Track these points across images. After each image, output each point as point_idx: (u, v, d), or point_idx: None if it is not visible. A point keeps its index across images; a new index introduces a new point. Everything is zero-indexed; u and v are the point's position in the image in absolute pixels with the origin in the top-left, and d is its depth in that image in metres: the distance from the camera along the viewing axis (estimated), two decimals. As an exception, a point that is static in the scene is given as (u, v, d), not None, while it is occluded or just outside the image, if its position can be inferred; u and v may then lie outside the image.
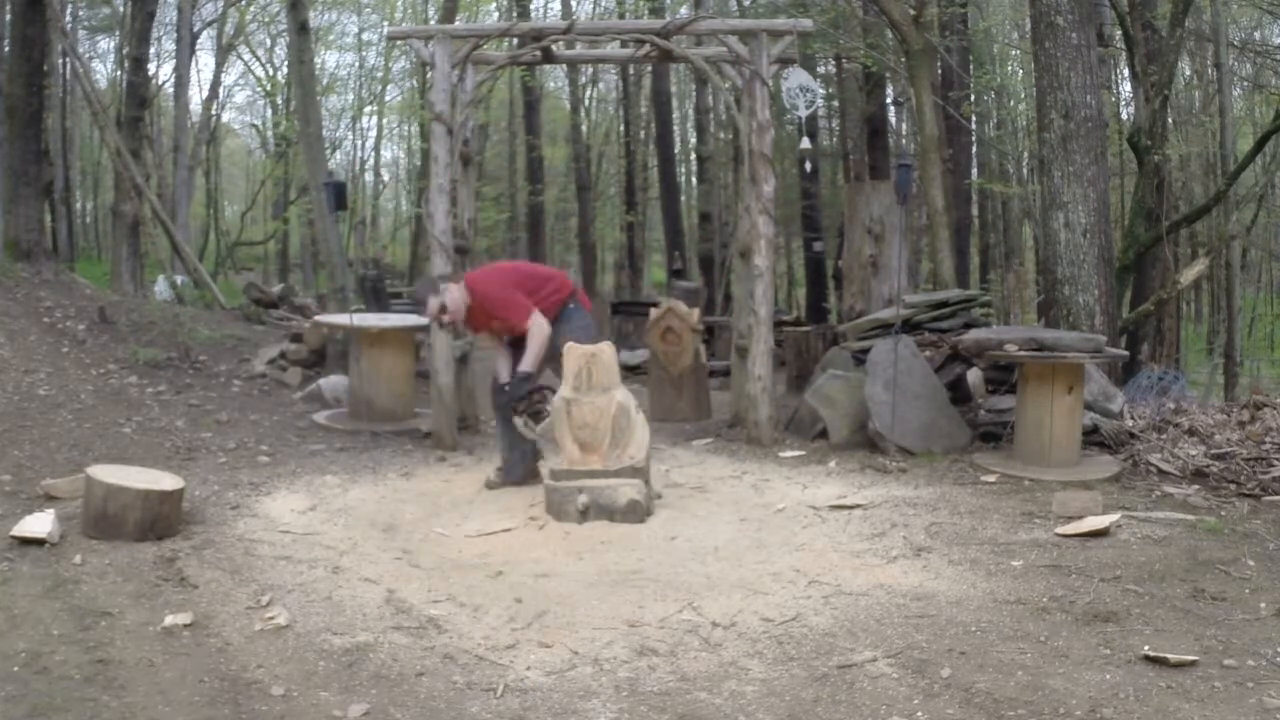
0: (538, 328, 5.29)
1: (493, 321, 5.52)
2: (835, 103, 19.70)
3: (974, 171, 17.79)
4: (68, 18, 20.75)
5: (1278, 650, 3.17)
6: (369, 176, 32.85)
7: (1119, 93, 15.59)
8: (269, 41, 27.21)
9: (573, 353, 5.09)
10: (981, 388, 7.06)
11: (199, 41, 24.10)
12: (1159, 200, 10.51)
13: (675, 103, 24.31)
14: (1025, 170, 17.16)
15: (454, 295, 5.44)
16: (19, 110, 9.65)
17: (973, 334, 6.52)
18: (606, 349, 5.13)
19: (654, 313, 8.62)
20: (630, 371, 9.86)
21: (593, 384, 5.03)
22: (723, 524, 4.79)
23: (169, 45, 23.53)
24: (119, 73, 22.96)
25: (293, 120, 21.43)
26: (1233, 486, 5.19)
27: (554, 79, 25.34)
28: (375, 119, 30.56)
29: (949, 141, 13.92)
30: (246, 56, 27.51)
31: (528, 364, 5.29)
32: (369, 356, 7.44)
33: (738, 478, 5.76)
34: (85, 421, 6.31)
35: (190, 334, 8.97)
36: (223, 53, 25.25)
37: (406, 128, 29.63)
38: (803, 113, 7.05)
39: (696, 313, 8.57)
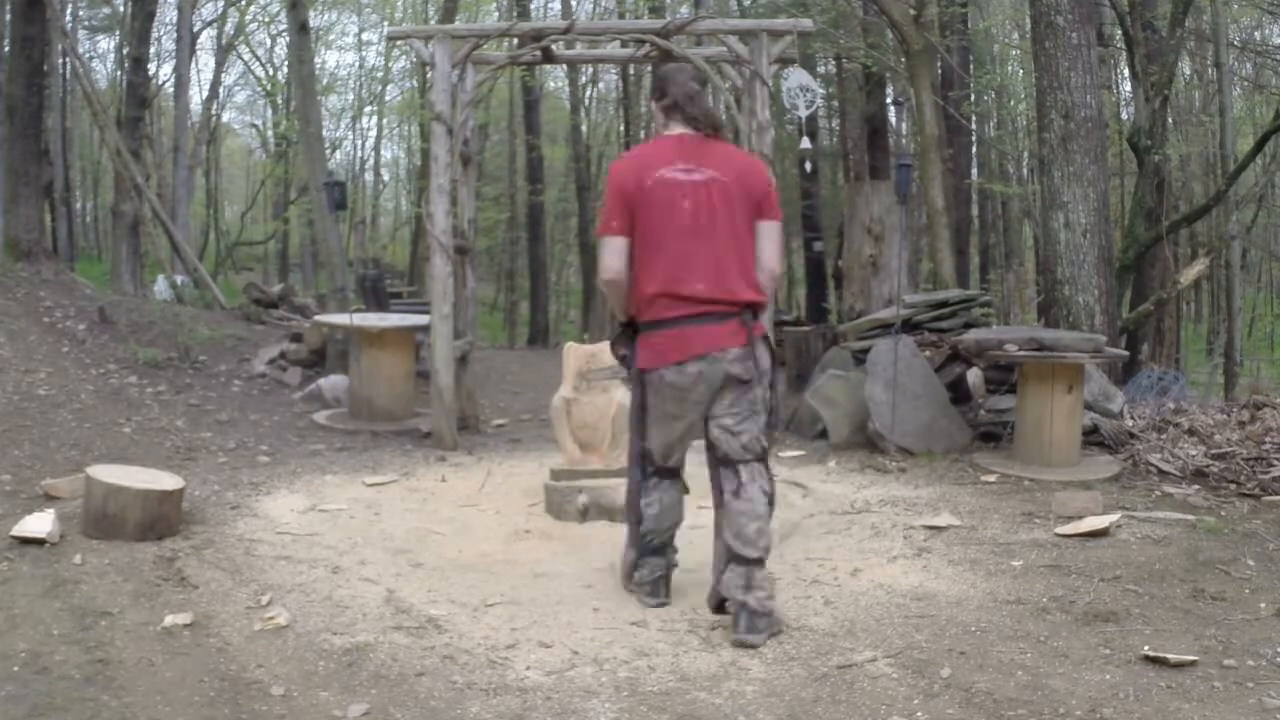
0: (601, 256, 3.47)
1: None
2: (835, 103, 19.68)
3: (974, 171, 17.77)
4: (68, 17, 20.75)
5: (1278, 650, 3.17)
6: (369, 176, 32.87)
7: (1119, 93, 15.59)
8: (269, 41, 27.21)
9: (573, 353, 5.10)
10: (981, 388, 7.06)
11: (199, 41, 24.11)
12: (1159, 200, 10.52)
13: (675, 103, 24.24)
14: (1025, 170, 17.16)
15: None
16: (19, 110, 9.65)
17: (973, 334, 6.52)
18: (606, 349, 5.14)
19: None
20: (630, 371, 9.83)
21: (593, 384, 5.03)
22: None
23: (169, 45, 23.53)
24: (119, 73, 22.97)
25: (293, 120, 21.42)
26: (1233, 486, 5.19)
27: (554, 79, 25.33)
28: (375, 119, 30.59)
29: (949, 141, 13.91)
30: (246, 56, 27.52)
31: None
32: (369, 356, 7.44)
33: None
34: (85, 421, 6.31)
35: (190, 334, 8.97)
36: (223, 53, 25.24)
37: (406, 128, 29.62)
38: (803, 113, 7.05)
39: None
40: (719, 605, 3.44)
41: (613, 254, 3.37)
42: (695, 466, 3.41)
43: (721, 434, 3.38)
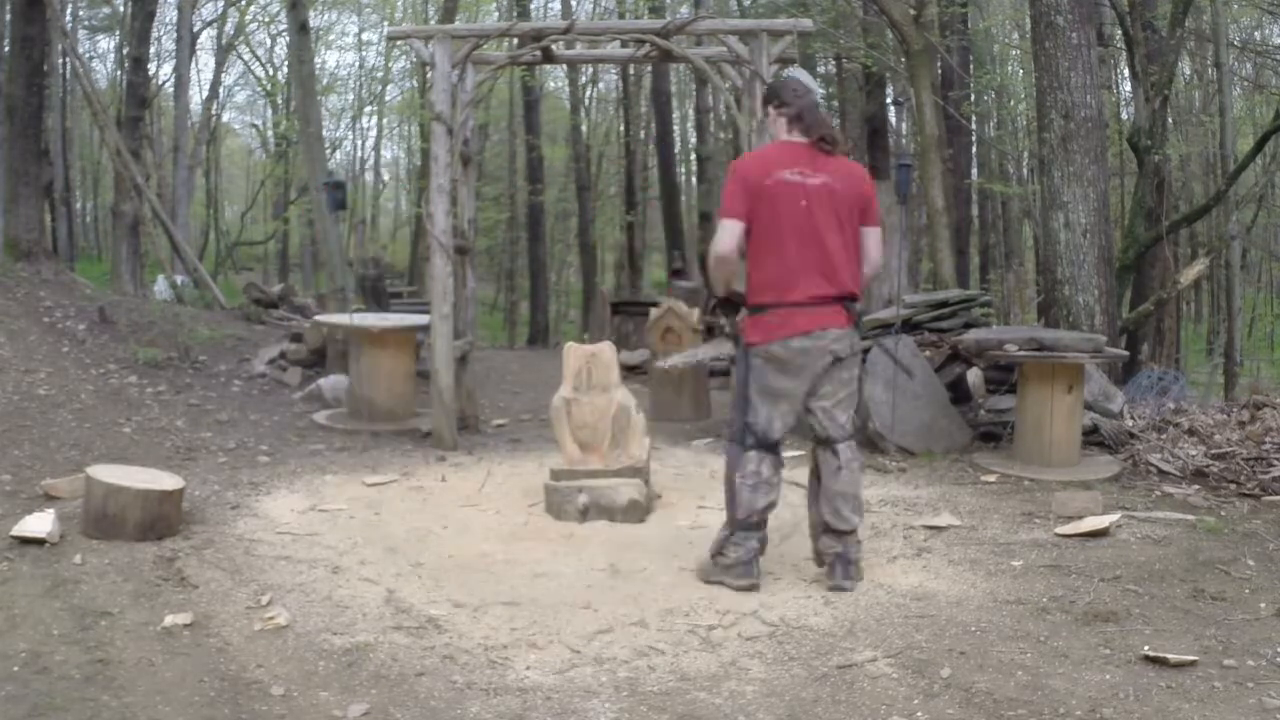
0: (716, 239, 3.82)
1: None
2: (835, 103, 19.69)
3: (974, 171, 17.78)
4: (68, 17, 20.75)
5: (1278, 650, 3.17)
6: (369, 176, 32.89)
7: (1119, 93, 15.60)
8: (269, 41, 27.24)
9: (573, 353, 5.09)
10: (981, 388, 7.06)
11: (199, 41, 24.11)
12: (1159, 200, 10.52)
13: (675, 103, 24.30)
14: (1025, 170, 17.16)
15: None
16: (19, 110, 9.65)
17: (973, 334, 6.52)
18: (606, 349, 5.14)
19: (654, 313, 8.61)
20: (630, 371, 9.86)
21: (593, 384, 5.03)
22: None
23: (169, 45, 23.54)
24: (119, 72, 22.97)
25: (293, 120, 21.42)
26: (1233, 486, 5.19)
27: (554, 79, 25.35)
28: (375, 119, 30.62)
29: (949, 141, 13.92)
30: (246, 56, 27.54)
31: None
32: (369, 356, 7.44)
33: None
34: (85, 421, 6.31)
35: (190, 334, 8.97)
36: (223, 53, 25.25)
37: (406, 128, 29.65)
38: (803, 113, 7.04)
39: (696, 313, 8.57)
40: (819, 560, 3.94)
41: (729, 235, 3.71)
42: (694, 466, 3.42)
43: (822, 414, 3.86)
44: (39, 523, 4.18)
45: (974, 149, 17.63)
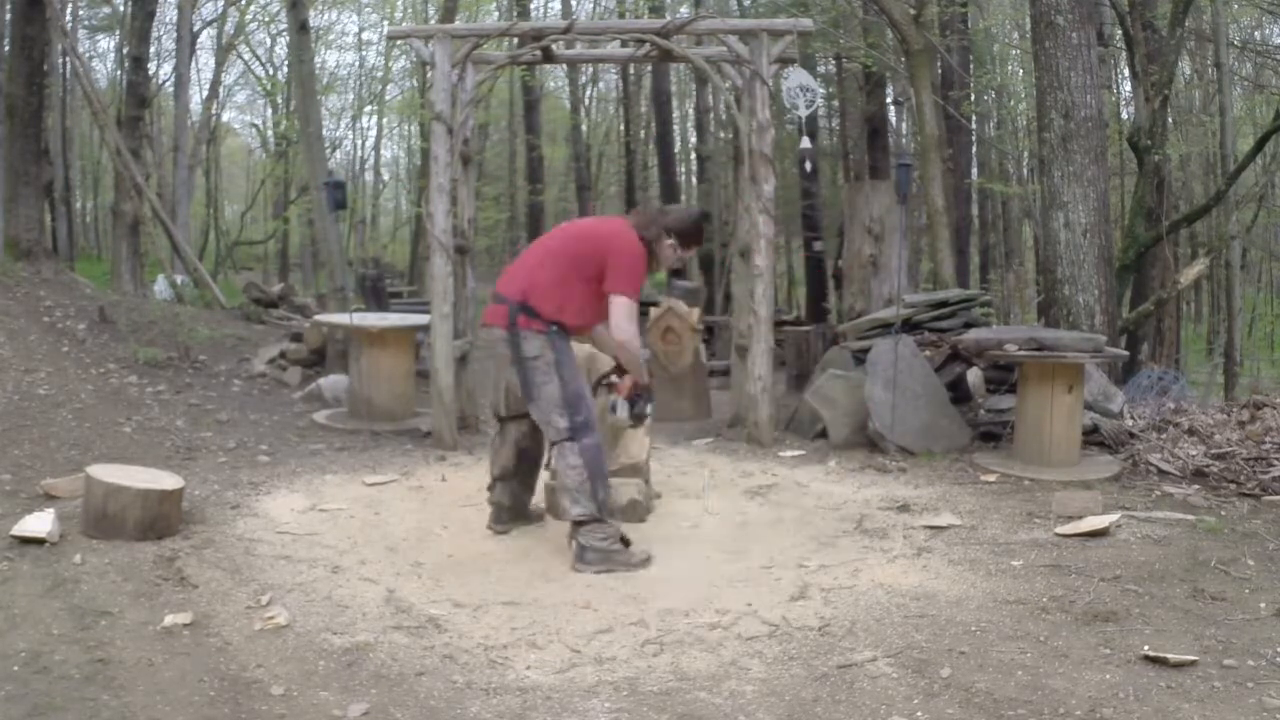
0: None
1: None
2: (835, 103, 19.69)
3: (974, 171, 17.77)
4: (68, 17, 20.73)
5: (1278, 650, 3.17)
6: (369, 176, 32.88)
7: (1119, 93, 15.60)
8: (269, 41, 27.19)
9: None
10: (981, 388, 7.06)
11: (199, 41, 24.08)
12: (1159, 200, 10.53)
13: (675, 102, 24.28)
14: (1025, 170, 17.15)
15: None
16: (19, 110, 9.65)
17: (973, 334, 6.52)
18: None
19: (654, 313, 8.62)
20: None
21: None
22: (722, 524, 4.79)
23: (169, 45, 23.50)
24: (119, 72, 22.95)
25: (293, 120, 21.42)
26: (1233, 486, 5.19)
27: (554, 79, 25.33)
28: (375, 119, 30.60)
29: (949, 141, 13.92)
30: (246, 56, 27.49)
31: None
32: (369, 356, 7.44)
33: (738, 478, 5.76)
34: (85, 421, 6.31)
35: (190, 334, 8.97)
36: (223, 52, 25.21)
37: (406, 127, 29.64)
38: (803, 113, 7.05)
39: (696, 313, 8.57)
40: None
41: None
42: (694, 466, 3.42)
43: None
44: (39, 522, 4.18)
45: (974, 149, 17.62)
